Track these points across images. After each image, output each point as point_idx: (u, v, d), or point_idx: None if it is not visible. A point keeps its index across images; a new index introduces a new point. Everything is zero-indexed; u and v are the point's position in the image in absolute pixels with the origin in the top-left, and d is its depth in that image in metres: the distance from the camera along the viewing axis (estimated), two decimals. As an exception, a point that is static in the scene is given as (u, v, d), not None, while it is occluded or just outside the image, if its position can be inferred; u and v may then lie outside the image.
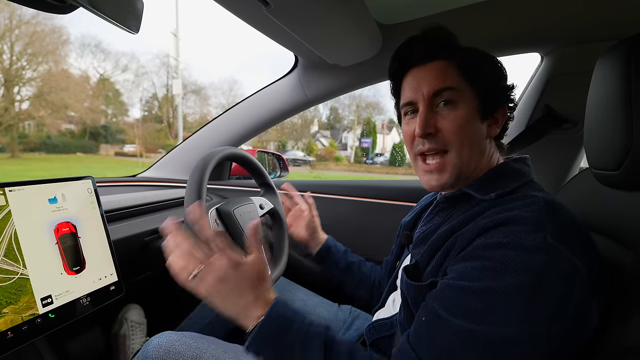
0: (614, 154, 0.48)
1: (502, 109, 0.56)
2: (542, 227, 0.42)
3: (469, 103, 0.54)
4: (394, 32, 0.95)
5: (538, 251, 0.40)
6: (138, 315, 0.95)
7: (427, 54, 0.56)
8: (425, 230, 0.58)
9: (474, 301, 0.41)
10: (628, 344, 0.40)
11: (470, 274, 0.43)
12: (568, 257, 0.40)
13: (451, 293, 0.44)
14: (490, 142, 0.57)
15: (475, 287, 0.41)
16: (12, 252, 0.53)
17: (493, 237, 0.43)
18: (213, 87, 32.63)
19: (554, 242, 0.41)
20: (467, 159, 0.54)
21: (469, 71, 0.54)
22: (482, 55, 0.57)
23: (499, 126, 0.57)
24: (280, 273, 0.86)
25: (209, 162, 0.73)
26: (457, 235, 0.49)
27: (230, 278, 0.48)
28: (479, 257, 0.43)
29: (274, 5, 0.68)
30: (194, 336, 0.66)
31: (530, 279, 0.39)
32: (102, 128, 18.34)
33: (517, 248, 0.41)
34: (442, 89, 0.54)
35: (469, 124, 0.53)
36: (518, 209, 0.46)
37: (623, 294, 0.44)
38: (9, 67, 14.26)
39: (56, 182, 0.62)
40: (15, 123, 14.07)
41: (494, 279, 0.40)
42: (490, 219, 0.46)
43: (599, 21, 0.85)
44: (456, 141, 0.53)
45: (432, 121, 0.54)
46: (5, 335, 0.50)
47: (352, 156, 16.79)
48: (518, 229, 0.43)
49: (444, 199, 0.58)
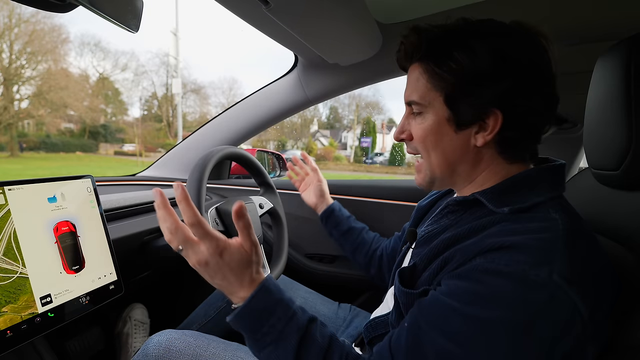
0: (613, 154, 0.48)
1: (492, 115, 0.48)
2: (550, 262, 0.39)
3: (437, 113, 0.51)
4: (393, 32, 0.95)
5: (539, 289, 0.38)
6: (142, 315, 0.95)
7: (406, 58, 0.55)
8: (430, 231, 0.57)
9: (457, 323, 0.40)
10: (628, 344, 0.40)
11: (462, 295, 0.41)
12: (572, 300, 0.38)
13: (438, 309, 0.43)
14: (480, 150, 0.51)
15: (462, 310, 0.40)
16: (11, 251, 0.53)
17: (494, 262, 0.41)
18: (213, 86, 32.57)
19: (561, 280, 0.38)
20: (436, 167, 0.54)
21: (436, 77, 0.50)
22: (470, 53, 0.48)
23: (488, 134, 0.49)
24: (280, 271, 0.86)
25: (208, 161, 0.73)
26: (458, 248, 0.47)
27: (212, 263, 0.47)
28: (474, 280, 0.41)
29: (273, 5, 0.68)
30: (194, 334, 0.66)
31: (522, 317, 0.37)
32: (101, 127, 18.32)
33: (517, 281, 0.38)
34: (409, 102, 0.54)
35: (434, 134, 0.52)
36: (529, 234, 0.42)
37: (623, 295, 0.44)
38: (8, 66, 14.24)
39: (55, 181, 0.62)
40: (14, 122, 14.06)
41: (485, 307, 0.39)
42: (495, 239, 0.43)
43: (599, 21, 0.85)
44: (422, 150, 0.54)
45: (407, 127, 0.56)
46: (5, 334, 0.50)
47: (352, 156, 16.81)
48: (522, 259, 0.39)
49: (455, 201, 0.55)
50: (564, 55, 0.96)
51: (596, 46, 0.87)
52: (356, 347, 0.73)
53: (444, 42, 0.50)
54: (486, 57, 0.47)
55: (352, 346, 0.51)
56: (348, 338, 0.76)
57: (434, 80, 0.51)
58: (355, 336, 0.78)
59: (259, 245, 0.51)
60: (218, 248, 0.47)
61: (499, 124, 0.48)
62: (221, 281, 0.49)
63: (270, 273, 0.84)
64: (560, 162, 0.51)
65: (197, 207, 0.67)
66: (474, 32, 0.49)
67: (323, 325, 0.51)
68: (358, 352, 0.49)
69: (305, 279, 1.19)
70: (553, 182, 0.49)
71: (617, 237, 0.50)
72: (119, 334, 0.91)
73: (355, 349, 0.50)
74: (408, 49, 0.54)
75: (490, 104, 0.48)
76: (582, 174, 0.68)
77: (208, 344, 0.65)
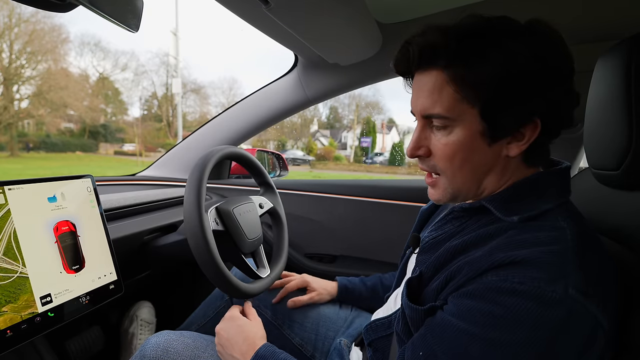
0: (613, 154, 0.48)
1: (530, 124, 0.44)
2: (564, 276, 0.37)
3: (468, 126, 0.44)
4: (393, 32, 0.95)
5: (557, 305, 0.36)
6: (149, 314, 0.95)
7: (422, 61, 0.46)
8: (435, 237, 0.54)
9: (477, 350, 0.38)
10: (629, 344, 0.40)
11: (477, 318, 0.39)
12: (591, 313, 0.37)
13: (453, 335, 0.40)
14: (509, 160, 0.47)
15: (481, 335, 0.38)
16: (11, 251, 0.53)
17: (507, 281, 0.38)
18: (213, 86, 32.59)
19: (577, 294, 0.36)
20: (462, 185, 0.48)
21: (470, 86, 0.43)
22: (505, 53, 0.41)
23: (523, 144, 0.45)
24: (280, 271, 0.86)
25: (208, 161, 0.73)
26: (466, 260, 0.44)
27: (228, 328, 0.65)
28: (489, 301, 0.39)
29: (274, 4, 0.68)
30: (192, 335, 0.66)
31: (544, 335, 0.36)
32: (101, 127, 18.30)
33: (533, 299, 0.37)
34: (429, 115, 0.46)
35: (465, 151, 0.45)
36: (539, 246, 0.40)
37: (623, 295, 0.44)
38: (8, 66, 14.23)
39: (55, 180, 0.62)
40: (14, 121, 14.05)
41: (504, 331, 0.37)
42: (506, 254, 0.40)
43: (599, 21, 0.85)
44: (447, 169, 0.47)
45: (425, 142, 0.48)
46: (5, 333, 0.50)
47: (352, 156, 16.79)
48: (536, 276, 0.37)
49: (460, 208, 0.52)
50: (564, 55, 0.96)
51: (596, 46, 0.87)
52: (356, 346, 0.73)
53: (476, 42, 0.42)
54: (527, 58, 0.41)
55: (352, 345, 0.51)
56: (348, 338, 0.76)
57: (466, 90, 0.43)
58: (355, 336, 0.78)
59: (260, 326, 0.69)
60: (232, 315, 0.68)
61: (537, 132, 0.44)
62: (233, 347, 0.62)
63: (270, 273, 0.84)
64: (566, 164, 0.49)
65: (197, 207, 0.67)
66: (501, 30, 0.42)
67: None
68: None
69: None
70: (560, 186, 0.47)
71: (617, 237, 0.50)
72: (125, 332, 0.91)
73: (355, 349, 0.50)
74: (425, 51, 0.45)
75: (534, 112, 0.43)
76: (582, 174, 0.68)
77: (206, 345, 0.64)
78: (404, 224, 0.83)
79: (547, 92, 0.43)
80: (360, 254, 1.27)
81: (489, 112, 0.43)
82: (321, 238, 1.28)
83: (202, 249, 0.66)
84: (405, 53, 0.47)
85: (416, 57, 0.46)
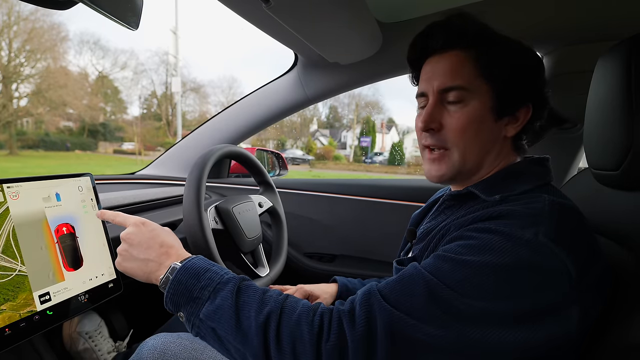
0: (613, 154, 0.48)
1: (524, 108, 0.52)
2: (536, 224, 0.42)
3: (481, 100, 0.51)
4: (393, 31, 0.95)
5: (526, 244, 0.40)
6: (90, 323, 0.84)
7: (445, 43, 0.53)
8: (428, 227, 0.58)
9: (448, 267, 0.42)
10: (629, 344, 0.40)
11: (454, 249, 0.44)
12: (559, 257, 0.40)
13: (431, 260, 0.45)
14: (505, 142, 0.54)
15: (453, 258, 0.43)
16: (10, 249, 0.53)
17: (485, 224, 0.44)
18: (212, 85, 32.52)
19: (547, 241, 0.40)
20: (469, 158, 0.53)
21: (488, 65, 0.51)
22: (512, 47, 0.52)
23: (518, 126, 0.53)
24: (279, 271, 0.86)
25: (207, 160, 0.73)
26: (453, 223, 0.50)
27: (140, 234, 0.55)
28: (466, 237, 0.45)
29: (274, 3, 0.68)
30: (190, 337, 0.65)
31: (508, 261, 0.40)
32: (100, 125, 18.27)
33: (505, 235, 0.41)
34: (450, 87, 0.52)
35: (477, 123, 0.51)
36: (518, 205, 0.45)
37: (624, 294, 0.44)
38: (7, 64, 14.19)
39: (54, 179, 0.62)
40: (13, 120, 14.02)
41: (473, 255, 0.42)
42: (486, 211, 0.46)
43: (599, 21, 0.85)
44: (459, 141, 0.52)
45: (438, 117, 0.53)
46: (3, 332, 0.50)
47: (351, 155, 16.79)
48: (511, 222, 0.43)
49: (450, 196, 0.57)
50: (564, 55, 0.96)
51: (596, 46, 0.87)
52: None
53: (490, 31, 0.53)
54: (528, 51, 0.53)
55: None
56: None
57: (485, 68, 0.51)
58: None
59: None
60: (138, 220, 0.57)
61: (529, 115, 0.52)
62: (150, 253, 0.54)
63: (269, 272, 0.84)
64: (546, 156, 0.56)
65: (197, 206, 0.67)
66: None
67: None
68: None
69: (305, 277, 1.19)
70: (539, 172, 0.52)
71: (616, 236, 0.50)
72: (77, 354, 0.80)
73: None
74: (451, 33, 0.52)
75: (529, 96, 0.52)
76: (581, 174, 0.68)
77: (205, 347, 0.64)
78: (404, 224, 0.83)
79: (537, 80, 0.53)
80: (360, 253, 1.27)
81: (501, 89, 0.51)
82: (320, 237, 1.28)
83: (201, 248, 0.66)
84: (428, 33, 0.55)
85: (440, 40, 0.53)
